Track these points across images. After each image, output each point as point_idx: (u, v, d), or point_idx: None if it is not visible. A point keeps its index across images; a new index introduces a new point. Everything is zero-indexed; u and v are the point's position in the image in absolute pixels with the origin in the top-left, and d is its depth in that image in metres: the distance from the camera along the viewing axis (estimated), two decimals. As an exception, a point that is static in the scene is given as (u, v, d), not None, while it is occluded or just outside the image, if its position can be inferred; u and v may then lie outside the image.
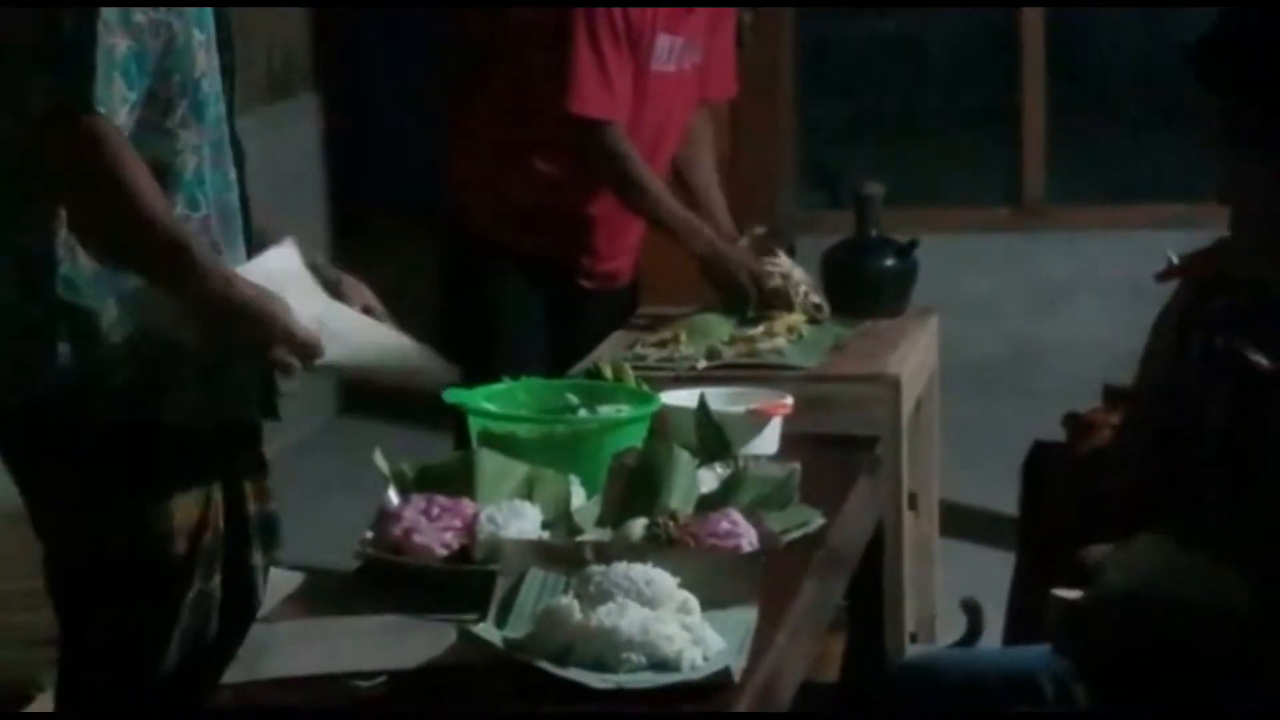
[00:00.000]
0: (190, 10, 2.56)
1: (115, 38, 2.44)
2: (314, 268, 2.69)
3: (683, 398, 3.13)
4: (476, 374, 3.20)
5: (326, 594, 2.56)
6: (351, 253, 6.93)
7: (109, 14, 2.44)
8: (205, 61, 2.60)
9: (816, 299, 4.06)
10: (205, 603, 2.66)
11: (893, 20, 7.64)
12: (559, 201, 4.10)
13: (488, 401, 2.99)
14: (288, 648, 2.36)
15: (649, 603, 2.29)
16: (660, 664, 2.22)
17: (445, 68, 5.98)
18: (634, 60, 4.01)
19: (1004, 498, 4.01)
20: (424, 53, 5.69)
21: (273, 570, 2.61)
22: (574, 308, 4.16)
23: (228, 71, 2.67)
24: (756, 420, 3.07)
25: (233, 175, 2.69)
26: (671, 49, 4.07)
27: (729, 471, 2.86)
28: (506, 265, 4.08)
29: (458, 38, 5.02)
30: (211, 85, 2.62)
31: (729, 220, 4.26)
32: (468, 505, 2.60)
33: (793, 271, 4.06)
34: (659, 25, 4.03)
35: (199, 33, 2.58)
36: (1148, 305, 3.12)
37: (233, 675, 2.30)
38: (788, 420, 3.13)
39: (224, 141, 2.66)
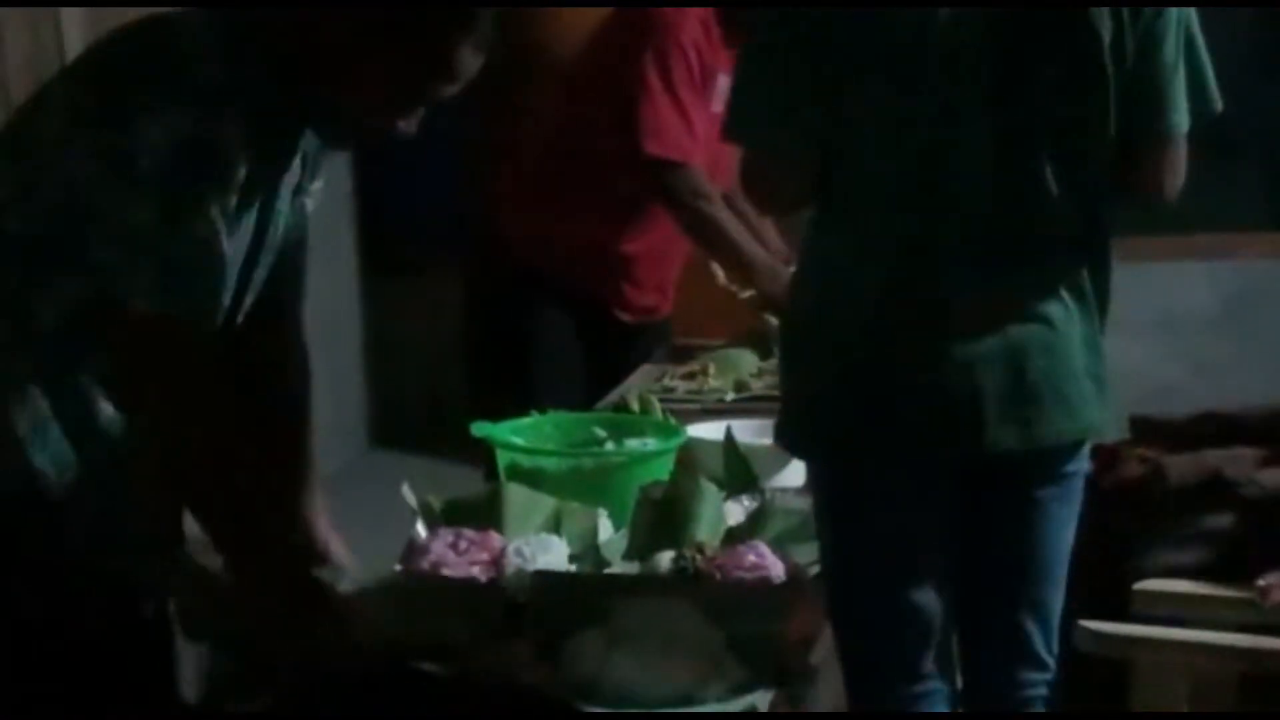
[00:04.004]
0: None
1: (227, 242, 2.09)
2: None
3: (710, 430, 3.13)
4: (509, 404, 3.21)
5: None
6: (382, 281, 6.98)
7: (216, 214, 2.07)
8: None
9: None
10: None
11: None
12: (606, 237, 4.07)
13: (515, 435, 3.01)
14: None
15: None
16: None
17: (480, 94, 5.97)
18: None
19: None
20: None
21: None
22: (610, 340, 4.14)
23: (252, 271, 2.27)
24: (783, 453, 3.06)
25: None
26: (726, 90, 4.04)
27: (756, 504, 2.86)
28: (544, 297, 4.05)
29: (499, 63, 5.02)
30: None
31: (780, 241, 4.24)
32: (495, 538, 2.61)
33: None
34: (719, 66, 4.00)
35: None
36: (1176, 337, 3.13)
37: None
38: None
39: None
